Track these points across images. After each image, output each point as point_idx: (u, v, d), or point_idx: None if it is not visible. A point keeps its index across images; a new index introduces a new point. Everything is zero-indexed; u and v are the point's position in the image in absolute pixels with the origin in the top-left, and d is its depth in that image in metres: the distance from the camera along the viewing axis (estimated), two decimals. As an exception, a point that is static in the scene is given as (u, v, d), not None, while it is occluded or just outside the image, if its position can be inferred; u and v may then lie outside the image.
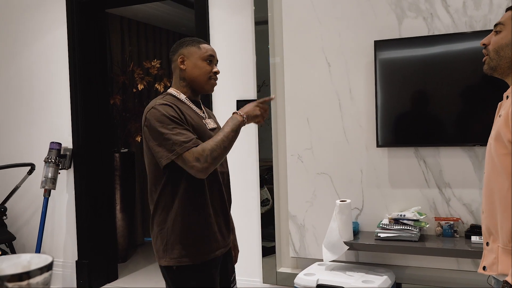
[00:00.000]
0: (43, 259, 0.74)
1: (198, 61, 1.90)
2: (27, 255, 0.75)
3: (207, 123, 1.91)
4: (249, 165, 3.34)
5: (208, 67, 1.91)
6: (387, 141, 2.85)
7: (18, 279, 0.66)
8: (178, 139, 1.70)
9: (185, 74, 1.91)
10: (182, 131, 1.73)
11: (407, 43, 2.78)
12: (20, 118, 4.08)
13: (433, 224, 2.77)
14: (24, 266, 0.74)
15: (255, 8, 3.24)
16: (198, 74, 1.90)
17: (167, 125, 1.72)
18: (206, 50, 1.92)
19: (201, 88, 1.92)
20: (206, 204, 1.84)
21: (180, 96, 1.90)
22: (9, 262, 0.74)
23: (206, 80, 1.91)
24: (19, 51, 4.07)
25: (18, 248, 3.99)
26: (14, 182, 3.89)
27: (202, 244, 1.82)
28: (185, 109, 1.84)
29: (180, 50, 1.93)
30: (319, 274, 2.76)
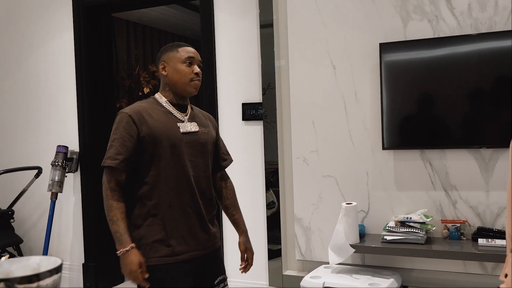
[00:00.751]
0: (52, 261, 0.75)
1: (177, 65, 1.94)
2: (36, 258, 0.76)
3: (182, 126, 1.93)
4: (254, 168, 3.35)
5: (187, 69, 1.94)
6: (393, 144, 2.85)
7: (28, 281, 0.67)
8: (109, 152, 1.84)
9: (168, 79, 1.96)
10: (119, 146, 1.82)
11: (412, 46, 2.77)
12: (27, 121, 4.11)
13: (439, 226, 2.76)
14: (34, 269, 0.75)
15: (260, 11, 3.25)
16: (179, 77, 1.94)
17: (114, 134, 1.86)
18: (184, 53, 1.95)
19: (184, 90, 1.95)
20: (168, 209, 1.87)
21: (161, 100, 1.96)
22: (18, 265, 0.75)
23: (187, 82, 1.94)
24: (26, 56, 4.10)
25: (25, 251, 4.01)
26: (22, 185, 3.92)
27: (161, 248, 1.86)
28: (156, 113, 1.90)
29: (161, 57, 1.99)
30: (325, 277, 2.75)
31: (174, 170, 1.88)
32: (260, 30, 3.27)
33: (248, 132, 3.38)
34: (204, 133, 2.00)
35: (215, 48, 3.44)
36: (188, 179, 1.91)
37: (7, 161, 4.11)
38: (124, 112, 1.88)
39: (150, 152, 1.86)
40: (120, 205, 1.82)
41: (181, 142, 1.90)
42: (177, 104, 1.97)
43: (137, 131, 1.84)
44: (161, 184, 1.87)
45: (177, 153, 1.89)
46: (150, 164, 1.87)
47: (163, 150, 1.87)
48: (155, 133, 1.86)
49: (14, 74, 4.15)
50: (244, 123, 3.38)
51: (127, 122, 1.85)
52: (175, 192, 1.89)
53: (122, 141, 1.83)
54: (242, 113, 3.37)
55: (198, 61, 1.99)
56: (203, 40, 3.48)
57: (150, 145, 1.86)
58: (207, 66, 3.46)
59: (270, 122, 3.24)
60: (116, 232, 1.80)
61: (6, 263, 0.74)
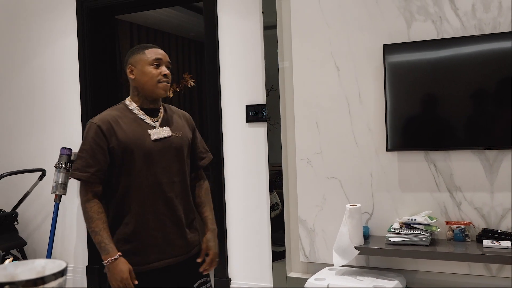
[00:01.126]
0: (57, 264, 0.74)
1: (144, 67, 1.90)
2: (41, 261, 0.76)
3: (153, 133, 1.89)
4: (258, 170, 3.35)
5: (155, 71, 1.89)
6: (397, 145, 2.84)
7: (33, 285, 0.67)
8: (77, 163, 1.84)
9: (135, 83, 1.92)
10: (89, 158, 1.82)
11: (416, 47, 2.77)
12: (31, 124, 4.12)
13: (444, 228, 2.75)
14: (39, 272, 0.74)
15: (263, 12, 3.25)
16: (147, 80, 1.89)
17: (83, 145, 1.86)
18: (151, 55, 1.91)
19: (152, 93, 1.91)
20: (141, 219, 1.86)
21: (130, 106, 1.93)
22: (23, 268, 0.75)
23: (155, 84, 1.90)
24: (31, 58, 4.11)
25: (29, 253, 4.02)
26: (25, 187, 3.93)
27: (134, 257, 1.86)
28: (125, 121, 1.87)
29: (128, 60, 1.95)
30: (330, 279, 2.75)
31: (146, 179, 1.86)
32: (264, 32, 3.27)
33: (251, 134, 3.38)
34: (178, 136, 1.96)
35: (219, 50, 3.44)
36: (161, 187, 1.89)
37: (11, 163, 4.11)
38: (93, 122, 1.86)
39: (120, 163, 1.85)
40: (100, 215, 1.82)
41: (152, 150, 1.87)
42: (148, 109, 1.94)
43: (107, 142, 1.83)
44: (133, 194, 1.86)
45: (149, 161, 1.86)
46: (121, 174, 1.85)
47: (134, 160, 1.84)
48: (125, 143, 1.83)
49: (19, 76, 4.16)
50: (248, 125, 3.38)
51: (96, 133, 1.83)
52: (149, 201, 1.87)
53: (92, 153, 1.82)
54: (246, 114, 3.37)
55: (167, 62, 1.94)
56: (206, 42, 3.48)
57: (120, 156, 1.84)
58: (211, 68, 3.46)
59: (274, 123, 3.23)
60: (100, 242, 1.80)
61: (11, 266, 0.74)
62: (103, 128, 1.83)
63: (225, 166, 3.46)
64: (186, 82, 5.62)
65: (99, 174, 1.83)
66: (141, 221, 1.86)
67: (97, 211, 1.82)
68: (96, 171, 1.82)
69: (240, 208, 3.43)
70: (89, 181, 1.82)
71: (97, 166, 1.82)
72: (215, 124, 3.46)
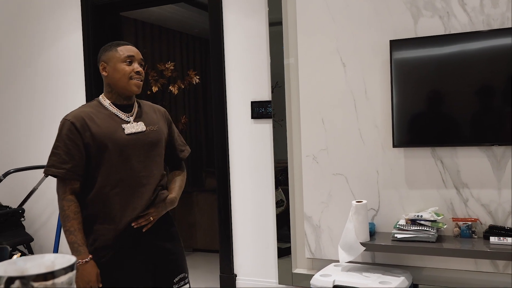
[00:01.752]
0: (67, 259, 0.74)
1: (117, 65, 1.91)
2: (50, 255, 0.76)
3: (127, 128, 1.90)
4: (263, 166, 3.35)
5: (127, 68, 1.91)
6: (403, 142, 2.83)
7: (43, 279, 0.67)
8: (51, 159, 1.84)
9: (108, 79, 1.94)
10: (63, 155, 1.82)
11: (423, 43, 2.75)
12: (37, 120, 4.13)
13: (450, 225, 2.74)
14: (48, 266, 0.74)
15: (269, 9, 3.24)
16: (119, 77, 1.91)
17: (57, 141, 1.86)
18: (123, 52, 1.92)
19: (125, 89, 1.92)
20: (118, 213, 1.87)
21: (104, 102, 1.94)
22: (33, 262, 0.75)
23: (127, 81, 1.91)
24: (36, 55, 4.12)
25: (36, 249, 4.04)
26: (32, 184, 3.94)
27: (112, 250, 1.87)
28: (99, 117, 1.88)
29: (101, 57, 1.96)
30: (336, 275, 2.74)
31: (122, 174, 1.86)
32: (269, 28, 3.26)
33: (257, 130, 3.37)
34: (153, 130, 1.97)
35: (224, 47, 3.43)
36: (138, 180, 1.89)
37: (17, 160, 4.13)
38: (67, 119, 1.86)
39: (95, 158, 1.85)
40: (77, 215, 1.82)
41: (127, 144, 1.87)
42: (121, 105, 1.95)
43: (81, 138, 1.83)
44: (109, 189, 1.86)
45: (124, 156, 1.86)
46: (96, 170, 1.85)
47: (108, 155, 1.85)
48: (99, 138, 1.84)
49: (25, 73, 4.17)
50: (253, 121, 3.37)
51: (69, 130, 1.83)
52: (125, 196, 1.87)
53: (67, 149, 1.82)
54: (251, 111, 3.37)
55: (139, 59, 1.95)
56: (211, 39, 3.48)
57: (95, 151, 1.84)
58: (216, 65, 3.46)
59: (279, 120, 3.23)
60: (73, 242, 1.81)
61: (21, 261, 0.74)
62: (77, 124, 1.84)
63: (230, 163, 3.46)
64: (191, 79, 5.62)
65: (76, 170, 1.83)
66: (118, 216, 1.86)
67: (74, 210, 1.82)
68: (72, 167, 1.82)
69: (246, 205, 3.43)
70: (65, 177, 1.81)
71: (72, 162, 1.82)
72: (220, 120, 3.46)
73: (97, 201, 1.87)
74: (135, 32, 5.33)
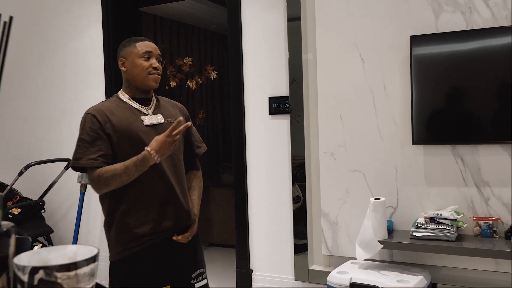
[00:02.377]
0: (89, 250, 0.75)
1: (135, 60, 1.95)
2: (73, 246, 0.77)
3: (146, 119, 1.93)
4: (280, 162, 3.34)
5: (145, 63, 1.95)
6: (423, 138, 2.80)
7: (66, 269, 0.67)
8: (78, 152, 1.85)
9: (127, 75, 1.98)
10: (88, 146, 1.84)
11: (444, 38, 2.71)
12: (58, 114, 4.18)
13: (471, 224, 2.70)
14: (70, 257, 0.75)
15: (287, 4, 3.22)
16: (137, 72, 1.95)
17: (81, 135, 1.88)
18: (141, 48, 1.96)
19: (143, 84, 1.96)
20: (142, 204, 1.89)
21: (123, 97, 1.98)
22: (56, 253, 0.75)
23: (146, 76, 1.95)
24: (56, 49, 4.17)
25: (55, 241, 4.10)
26: (52, 176, 4.00)
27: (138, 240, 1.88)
28: (119, 111, 1.91)
29: (120, 53, 2.01)
30: (353, 273, 2.73)
31: None
32: (288, 24, 3.24)
33: (274, 126, 3.37)
34: (171, 123, 1.97)
35: (242, 42, 3.43)
36: (159, 171, 1.91)
37: (38, 153, 4.19)
38: (88, 113, 1.90)
39: (116, 150, 1.87)
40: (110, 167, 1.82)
41: (146, 135, 1.90)
42: (140, 99, 1.98)
43: (103, 129, 1.86)
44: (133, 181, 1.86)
45: (143, 146, 1.87)
46: (118, 160, 1.87)
47: (129, 146, 1.87)
48: (120, 129, 1.87)
49: (45, 68, 4.23)
50: (271, 117, 3.37)
51: (92, 122, 1.86)
52: (147, 187, 1.89)
53: (91, 140, 1.85)
54: (269, 107, 3.36)
55: (157, 55, 1.99)
56: (229, 34, 3.47)
57: (117, 142, 1.87)
58: (234, 60, 3.46)
59: (296, 116, 3.22)
60: (134, 163, 1.79)
61: (45, 252, 0.75)
62: (98, 117, 1.87)
63: (247, 159, 3.46)
64: (209, 74, 5.64)
65: (103, 159, 1.84)
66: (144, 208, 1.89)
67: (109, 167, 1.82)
68: (99, 156, 1.84)
69: (262, 200, 3.43)
70: (93, 166, 1.83)
71: (99, 152, 1.84)
72: (238, 116, 3.46)
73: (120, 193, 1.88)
74: (153, 27, 5.36)
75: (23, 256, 0.72)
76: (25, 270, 0.66)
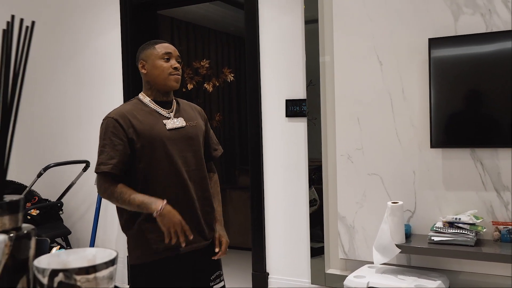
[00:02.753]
0: (108, 253, 0.75)
1: (155, 61, 1.96)
2: (92, 249, 0.77)
3: (168, 123, 1.93)
4: (297, 165, 3.33)
5: (166, 65, 1.96)
6: (442, 142, 2.77)
7: (85, 272, 0.68)
8: (100, 158, 1.86)
9: (148, 77, 1.99)
10: (110, 151, 1.84)
11: (464, 41, 2.68)
12: (76, 117, 4.23)
13: (490, 228, 2.66)
14: (90, 260, 0.76)
15: (305, 7, 3.22)
16: (158, 73, 1.96)
17: (103, 139, 1.88)
18: (161, 49, 1.98)
19: (164, 85, 1.97)
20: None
21: (144, 100, 1.99)
22: (75, 256, 0.76)
23: (166, 77, 1.96)
24: (76, 52, 4.22)
25: (73, 242, 4.14)
26: (70, 178, 4.04)
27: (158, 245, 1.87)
28: (141, 114, 1.92)
29: (139, 56, 2.02)
30: (370, 277, 2.71)
31: (165, 168, 1.89)
32: (305, 26, 3.24)
33: (291, 129, 3.36)
34: (192, 126, 2.00)
35: (259, 44, 3.44)
36: (180, 175, 1.92)
37: (56, 155, 4.24)
38: (110, 117, 1.90)
39: (138, 153, 1.88)
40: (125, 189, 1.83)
41: (170, 139, 1.91)
42: (161, 102, 1.99)
43: (125, 134, 1.86)
44: (153, 184, 1.88)
45: (166, 150, 1.89)
46: (139, 165, 1.88)
47: (151, 150, 1.88)
48: (142, 134, 1.87)
49: (65, 70, 4.28)
50: (288, 120, 3.36)
51: (114, 127, 1.86)
52: (168, 190, 1.89)
53: (113, 145, 1.85)
54: (286, 109, 3.36)
55: (176, 56, 2.00)
56: (247, 36, 3.48)
57: (139, 146, 1.87)
58: (251, 62, 3.46)
59: (312, 119, 3.21)
60: (141, 203, 1.80)
61: (64, 254, 0.75)
62: (120, 121, 1.87)
63: (264, 161, 3.46)
64: (226, 77, 5.65)
65: (120, 166, 1.85)
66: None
67: (121, 187, 1.84)
68: (118, 162, 1.84)
69: (279, 203, 3.42)
70: (110, 172, 1.84)
71: (118, 158, 1.85)
72: (255, 118, 3.46)
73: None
74: (171, 30, 5.40)
75: (43, 258, 0.72)
76: (45, 272, 0.67)
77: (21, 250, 0.76)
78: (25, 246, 0.76)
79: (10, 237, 0.74)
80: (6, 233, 0.74)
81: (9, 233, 0.74)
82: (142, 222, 1.89)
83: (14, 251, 0.74)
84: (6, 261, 0.73)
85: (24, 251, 0.76)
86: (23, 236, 0.76)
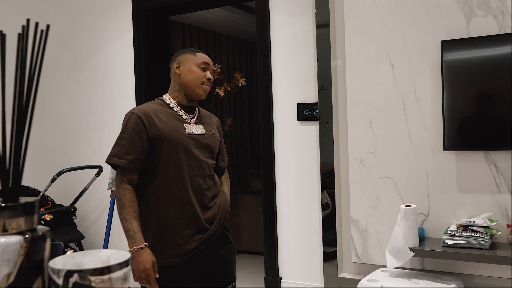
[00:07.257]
0: (122, 255, 0.76)
1: (192, 66, 1.99)
2: (106, 251, 0.78)
3: (188, 128, 1.95)
4: (309, 169, 3.32)
5: (201, 73, 1.99)
6: (455, 145, 2.75)
7: (99, 273, 0.68)
8: (115, 149, 1.87)
9: (180, 78, 2.00)
10: (127, 146, 1.85)
11: (476, 43, 2.66)
12: (89, 123, 4.27)
13: (505, 231, 2.63)
14: (104, 261, 0.77)
15: (316, 11, 3.22)
16: (191, 78, 1.98)
17: (122, 132, 1.89)
18: (201, 58, 2.01)
19: (193, 92, 1.99)
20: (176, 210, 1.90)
21: (169, 101, 2.00)
22: (90, 257, 0.77)
23: (199, 85, 1.99)
24: (88, 57, 4.26)
25: (86, 246, 4.17)
26: (83, 183, 4.08)
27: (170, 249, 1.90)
28: (164, 115, 1.93)
29: (177, 57, 2.04)
30: (383, 281, 2.69)
31: (181, 172, 1.90)
32: (316, 30, 3.24)
33: (303, 133, 3.36)
34: (211, 135, 2.04)
35: (271, 49, 3.44)
36: (196, 179, 1.94)
37: (70, 160, 4.28)
38: (133, 112, 1.91)
39: (157, 154, 1.89)
40: (132, 204, 1.85)
41: (189, 144, 1.93)
42: (186, 106, 2.01)
43: (146, 132, 1.87)
44: (168, 186, 1.89)
45: (186, 154, 1.91)
46: (157, 165, 1.89)
47: (170, 152, 1.89)
48: (163, 134, 1.88)
49: (77, 75, 4.33)
50: (299, 124, 3.36)
51: (136, 123, 1.88)
52: (183, 193, 1.91)
53: (131, 141, 1.86)
54: (297, 113, 3.36)
55: (211, 69, 2.05)
56: (258, 41, 3.49)
57: (157, 147, 1.88)
58: (263, 66, 3.47)
59: (324, 123, 3.20)
60: (129, 230, 1.84)
61: (79, 256, 0.76)
62: (143, 118, 1.88)
63: (276, 165, 3.46)
64: (237, 82, 5.67)
65: (137, 163, 1.87)
66: (176, 213, 1.90)
67: (130, 199, 1.85)
68: (134, 159, 1.86)
69: (291, 207, 3.42)
70: (126, 168, 1.85)
71: (135, 155, 1.86)
72: (267, 122, 3.47)
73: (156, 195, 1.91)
74: (182, 35, 5.43)
75: (58, 260, 0.73)
76: (60, 273, 0.68)
77: (36, 251, 0.77)
78: (40, 247, 0.77)
79: (25, 238, 0.75)
80: (21, 235, 0.75)
81: (24, 235, 0.75)
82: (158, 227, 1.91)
83: (29, 252, 0.75)
84: (22, 262, 0.74)
85: (39, 252, 0.77)
86: (38, 237, 0.77)
